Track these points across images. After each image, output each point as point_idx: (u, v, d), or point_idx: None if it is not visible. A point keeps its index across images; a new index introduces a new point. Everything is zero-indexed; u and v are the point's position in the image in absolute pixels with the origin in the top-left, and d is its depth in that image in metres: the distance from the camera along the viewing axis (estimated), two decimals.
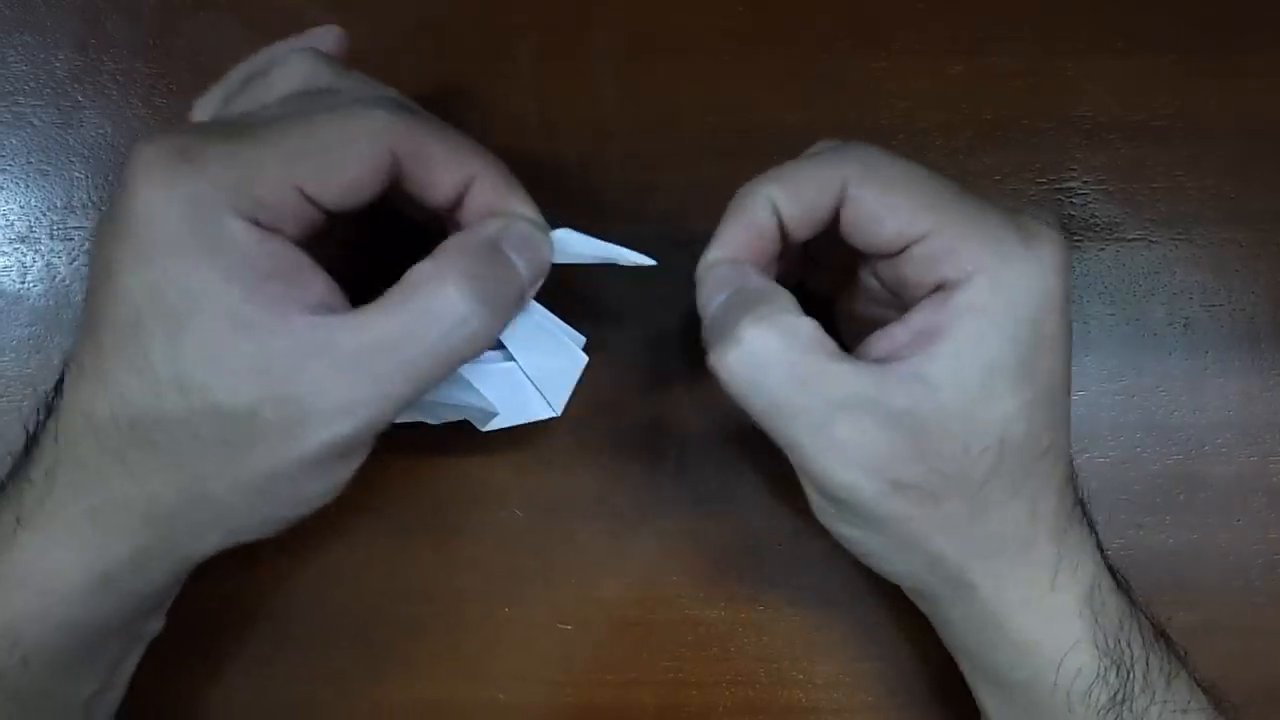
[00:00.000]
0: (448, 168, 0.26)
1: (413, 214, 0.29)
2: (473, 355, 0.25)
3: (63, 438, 0.25)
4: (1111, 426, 0.36)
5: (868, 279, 0.29)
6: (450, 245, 0.25)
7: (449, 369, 0.25)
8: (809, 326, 0.26)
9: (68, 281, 0.36)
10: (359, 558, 0.35)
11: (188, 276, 0.23)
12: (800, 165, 0.27)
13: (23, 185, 0.36)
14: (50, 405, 0.26)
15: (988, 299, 0.25)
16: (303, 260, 0.24)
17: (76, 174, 0.36)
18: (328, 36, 0.30)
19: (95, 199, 0.36)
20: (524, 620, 0.34)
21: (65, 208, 0.36)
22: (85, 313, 0.24)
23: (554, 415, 0.30)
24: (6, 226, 0.36)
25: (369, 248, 0.29)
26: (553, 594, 0.35)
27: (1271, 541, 0.35)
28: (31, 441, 0.26)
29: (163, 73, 0.37)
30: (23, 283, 0.36)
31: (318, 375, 0.23)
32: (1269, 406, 0.36)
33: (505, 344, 0.29)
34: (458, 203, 0.27)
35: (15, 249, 0.36)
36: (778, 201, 0.27)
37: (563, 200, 0.28)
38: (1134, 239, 0.37)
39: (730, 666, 0.35)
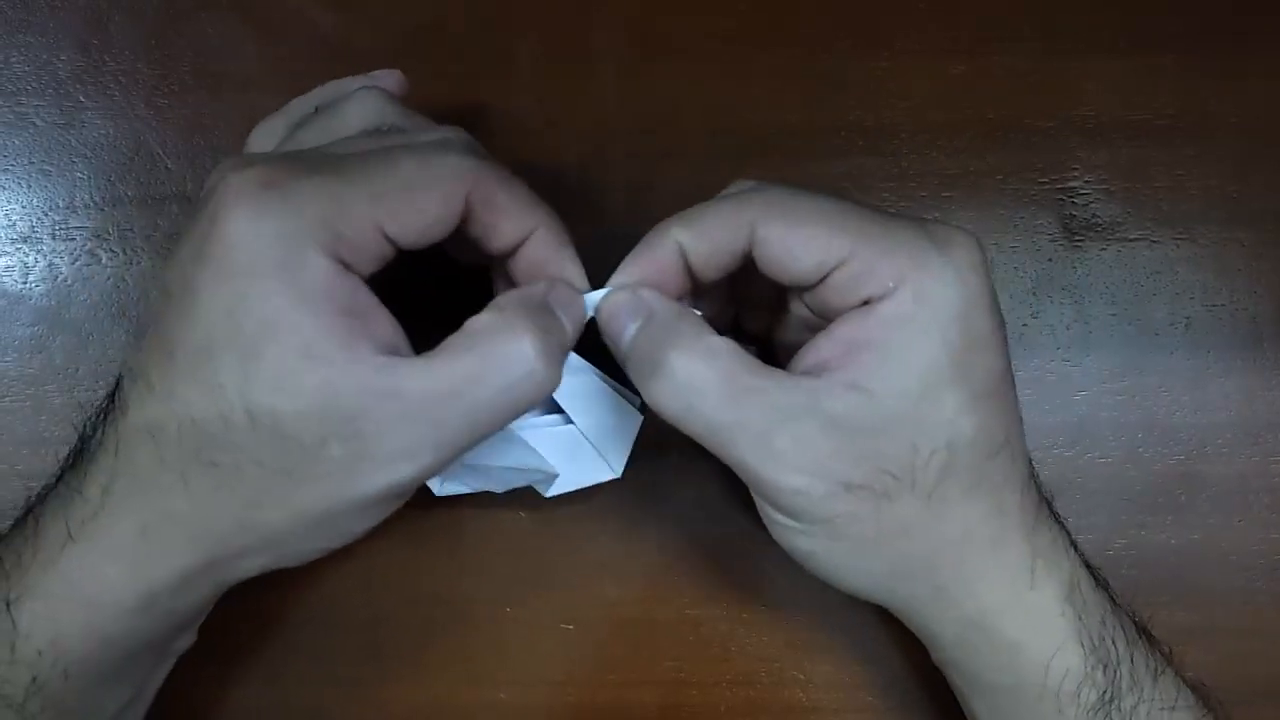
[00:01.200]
0: (516, 218, 0.27)
1: (454, 252, 0.30)
2: (530, 407, 0.26)
3: (123, 452, 0.25)
4: (1113, 426, 0.36)
5: (797, 308, 0.30)
6: (513, 300, 0.26)
7: (508, 420, 0.25)
8: (728, 345, 0.26)
9: (69, 281, 0.36)
10: (364, 561, 0.35)
11: (266, 304, 0.23)
12: (707, 208, 0.28)
13: (25, 185, 0.36)
14: (100, 415, 0.26)
15: (913, 308, 0.25)
16: (374, 301, 0.24)
17: (79, 174, 0.36)
18: (390, 79, 0.31)
19: (97, 199, 0.36)
20: (526, 621, 0.34)
21: (67, 208, 0.36)
22: (156, 330, 0.25)
23: (615, 477, 0.32)
24: (9, 226, 0.36)
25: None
26: (555, 594, 0.35)
27: (1273, 541, 0.35)
28: (82, 451, 0.26)
29: (165, 73, 0.37)
30: (25, 283, 0.36)
31: (385, 417, 0.24)
32: (1271, 406, 0.36)
33: (563, 406, 0.30)
34: (512, 251, 0.27)
35: (17, 249, 0.36)
36: (683, 242, 0.27)
37: (563, 200, 0.28)
38: (1136, 238, 0.37)
39: (731, 666, 0.35)
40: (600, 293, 0.28)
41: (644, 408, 0.30)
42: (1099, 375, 0.36)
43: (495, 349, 0.24)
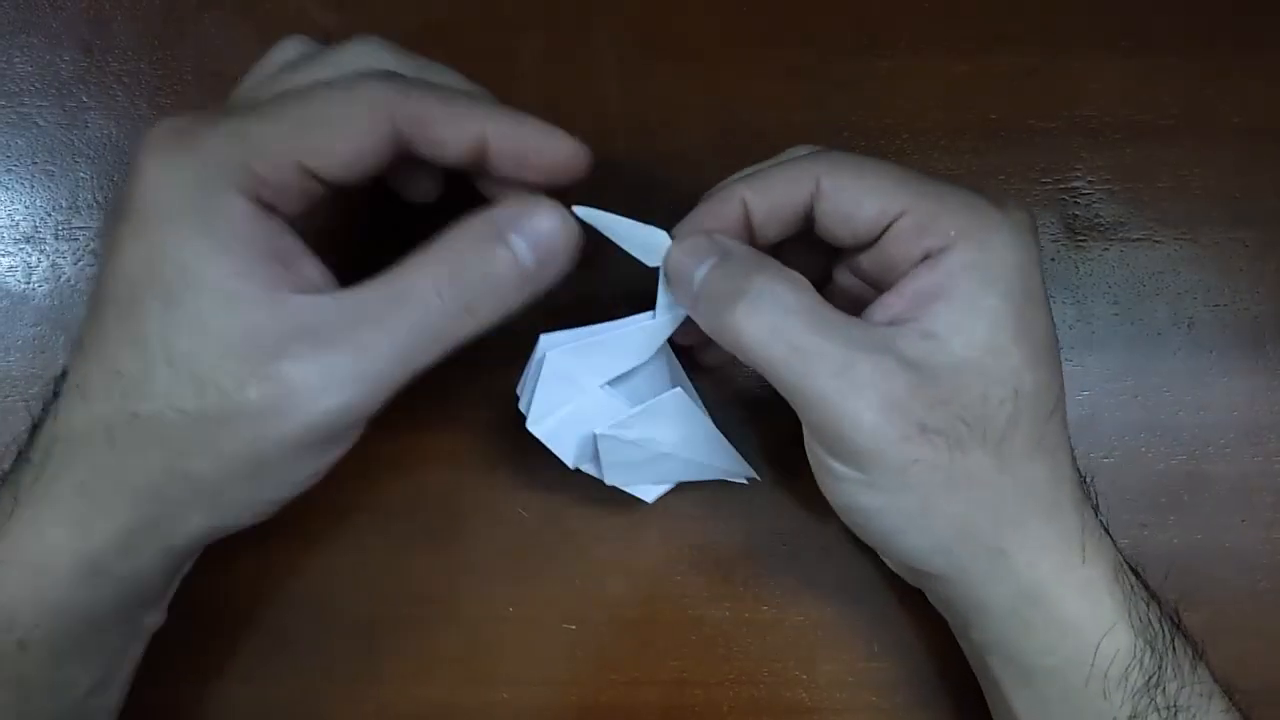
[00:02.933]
0: (453, 126, 0.26)
1: (413, 194, 0.30)
2: (464, 338, 0.26)
3: (61, 415, 0.25)
4: (1115, 426, 0.36)
5: (844, 278, 0.30)
6: (446, 235, 0.26)
7: (438, 352, 0.25)
8: (807, 282, 0.26)
9: (73, 281, 0.36)
10: (363, 559, 0.35)
11: (183, 250, 0.23)
12: (771, 166, 0.28)
13: (28, 185, 0.36)
14: (56, 389, 0.26)
15: (977, 256, 0.26)
16: (297, 243, 0.25)
17: (81, 174, 0.36)
18: None
19: (100, 199, 0.36)
20: (528, 620, 0.34)
21: (70, 208, 0.36)
22: (92, 292, 0.25)
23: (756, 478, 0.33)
24: (11, 227, 0.36)
25: (379, 235, 0.29)
26: (557, 594, 0.35)
27: (1276, 541, 0.35)
28: (36, 424, 0.26)
29: (167, 73, 0.37)
30: (28, 283, 0.36)
31: (301, 353, 0.24)
32: (1273, 406, 0.36)
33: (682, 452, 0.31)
34: (479, 159, 0.27)
35: (20, 249, 0.36)
36: (748, 197, 0.28)
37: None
38: (1138, 239, 0.37)
39: (734, 666, 0.35)
40: (660, 234, 0.28)
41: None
42: (1101, 375, 0.36)
43: (408, 279, 0.25)
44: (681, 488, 0.33)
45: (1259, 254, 0.36)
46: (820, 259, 0.31)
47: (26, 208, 0.36)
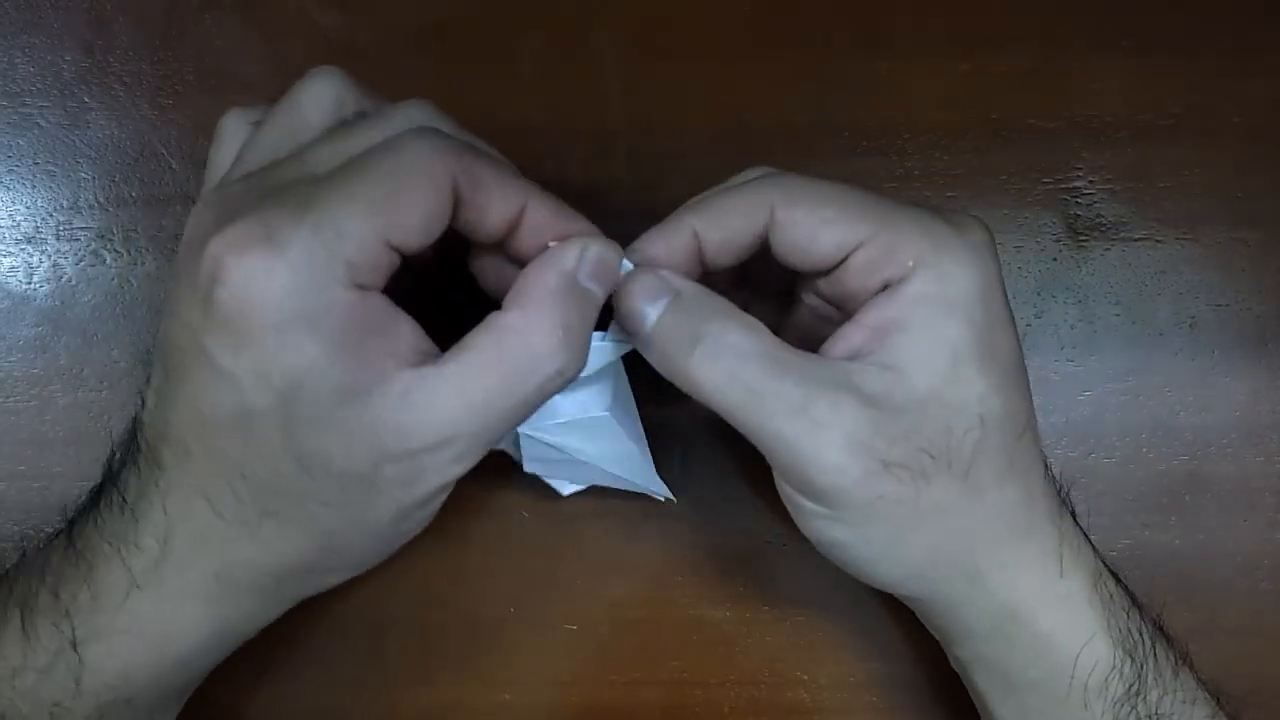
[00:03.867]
0: (506, 193, 0.26)
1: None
2: (560, 389, 0.26)
3: (173, 510, 0.25)
4: (1118, 426, 0.36)
5: (809, 298, 0.30)
6: (532, 283, 0.25)
7: (541, 403, 0.26)
8: (761, 324, 0.26)
9: (73, 282, 0.36)
10: None
11: (295, 358, 0.23)
12: (723, 194, 0.27)
13: (29, 186, 0.36)
14: (130, 463, 0.26)
15: (936, 287, 0.26)
16: (393, 311, 0.24)
17: (83, 175, 0.36)
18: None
19: (102, 200, 0.36)
20: (530, 621, 0.34)
21: (71, 208, 0.36)
22: (175, 390, 0.24)
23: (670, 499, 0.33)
24: (13, 227, 0.36)
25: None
26: (559, 596, 0.35)
27: (1278, 542, 0.35)
28: (113, 491, 0.26)
29: (169, 74, 0.37)
30: (29, 283, 0.36)
31: (427, 429, 0.24)
32: (1275, 406, 0.36)
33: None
34: (509, 232, 0.26)
35: (21, 249, 0.36)
36: (699, 227, 0.27)
37: (567, 201, 0.28)
38: (1140, 238, 0.37)
39: (735, 667, 0.35)
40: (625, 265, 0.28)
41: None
42: (1103, 375, 0.36)
43: (521, 346, 0.24)
44: (683, 490, 0.33)
45: (1261, 253, 0.36)
46: (785, 274, 0.31)
47: (28, 208, 0.36)
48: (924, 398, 0.25)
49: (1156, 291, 0.36)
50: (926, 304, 0.25)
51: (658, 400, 0.35)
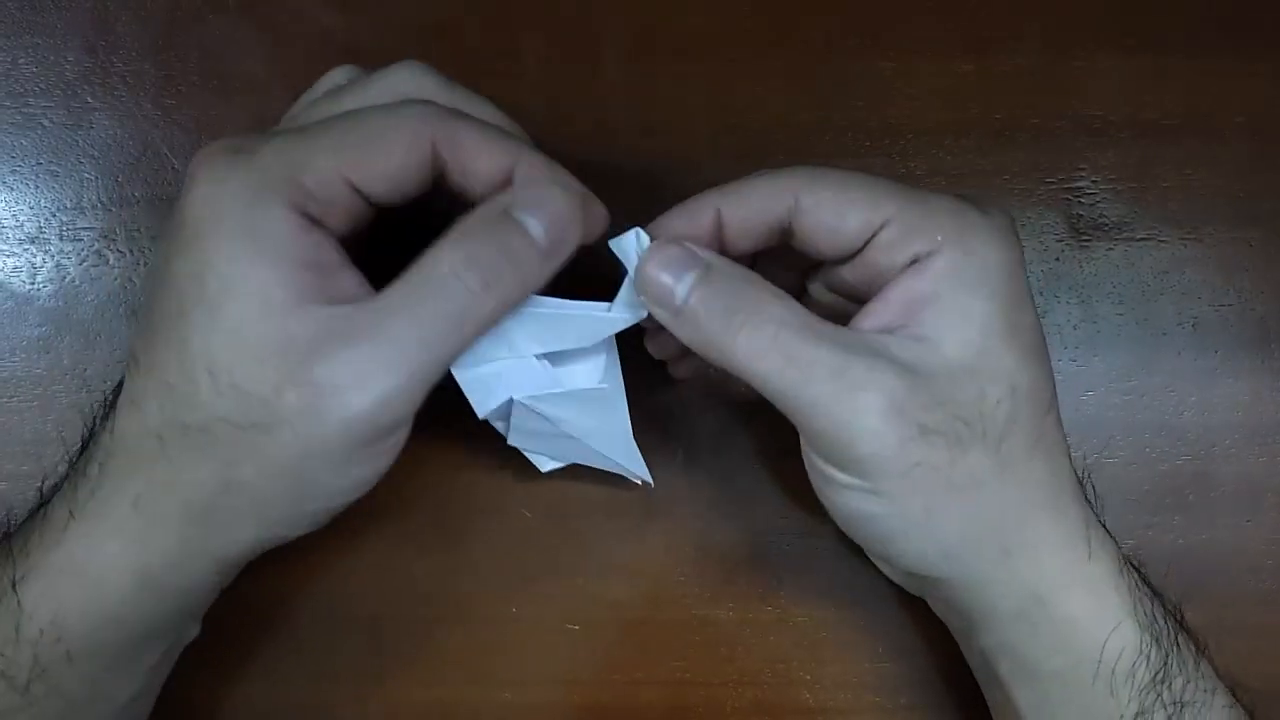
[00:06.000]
0: (486, 155, 0.26)
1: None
2: (488, 319, 0.26)
3: (116, 429, 0.25)
4: (1121, 427, 0.36)
5: (820, 293, 0.30)
6: (460, 222, 0.26)
7: (465, 336, 0.25)
8: (790, 297, 0.27)
9: (77, 283, 0.36)
10: (368, 560, 0.35)
11: (228, 263, 0.23)
12: (748, 180, 0.28)
13: (32, 186, 0.36)
14: (110, 402, 0.27)
15: (963, 260, 0.26)
16: (338, 256, 0.25)
17: (86, 175, 0.36)
18: None
19: (105, 200, 0.36)
20: (531, 620, 0.34)
21: (75, 208, 0.36)
22: (144, 307, 0.26)
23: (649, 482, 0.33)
24: (16, 227, 0.36)
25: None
26: (560, 594, 0.35)
27: None
28: (90, 437, 0.27)
29: (171, 74, 0.37)
30: (32, 283, 0.36)
31: (333, 354, 0.24)
32: (1279, 406, 0.36)
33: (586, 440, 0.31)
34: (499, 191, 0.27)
35: (25, 249, 0.36)
36: (722, 209, 0.27)
37: None
38: (1143, 238, 0.37)
39: (738, 667, 0.35)
40: (630, 236, 0.28)
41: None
42: (1106, 375, 0.36)
43: (426, 268, 0.25)
44: (684, 490, 0.33)
45: (1264, 253, 0.36)
46: (792, 275, 0.31)
47: (31, 208, 0.36)
48: (956, 367, 0.26)
49: (1159, 291, 0.36)
50: (954, 277, 0.26)
51: (661, 398, 0.35)
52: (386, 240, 0.28)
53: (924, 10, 0.37)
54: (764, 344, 0.26)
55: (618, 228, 0.28)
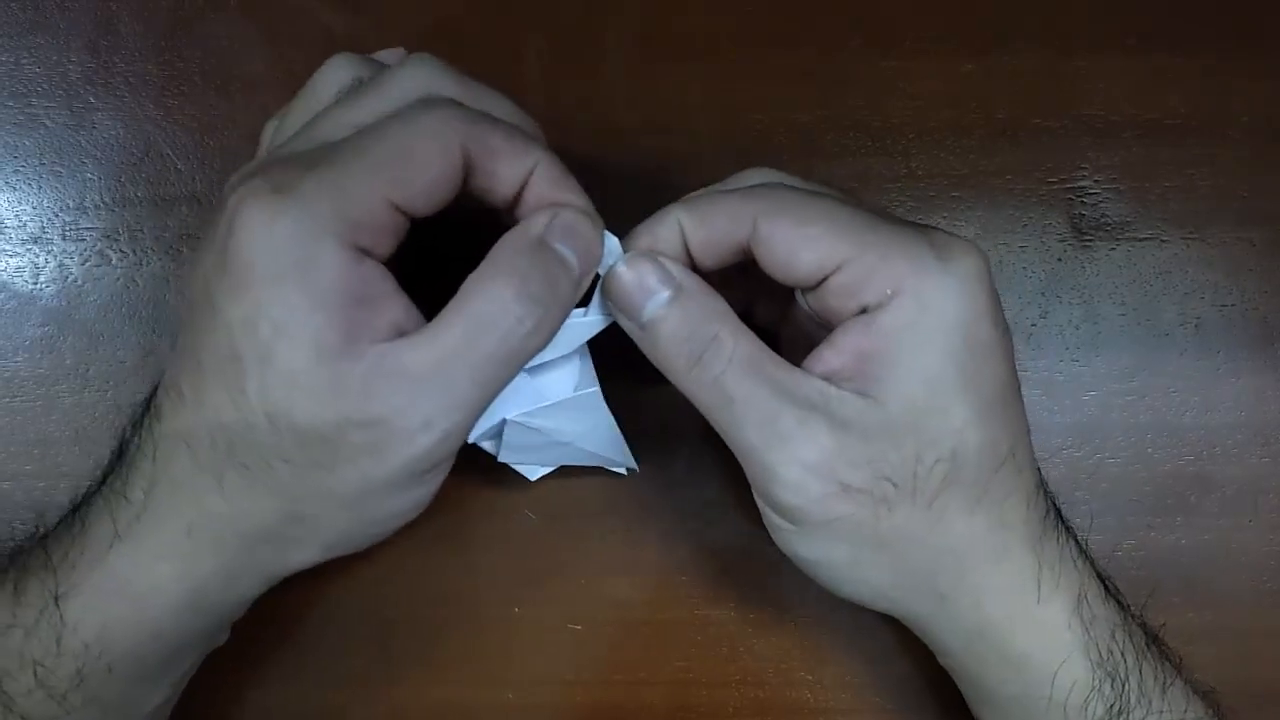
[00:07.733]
0: (513, 158, 0.26)
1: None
2: (535, 351, 0.26)
3: (160, 458, 0.25)
4: (1123, 427, 0.36)
5: (802, 303, 0.30)
6: (498, 247, 0.26)
7: (515, 369, 0.26)
8: (751, 333, 0.27)
9: (80, 282, 0.36)
10: (373, 561, 0.35)
11: (281, 309, 0.23)
12: (714, 197, 0.28)
13: (35, 186, 0.36)
14: (138, 422, 0.27)
15: (914, 317, 0.25)
16: (388, 284, 0.25)
17: (89, 175, 0.36)
18: (393, 58, 0.30)
19: (107, 199, 0.36)
20: (535, 621, 0.35)
21: (77, 208, 0.36)
22: (184, 340, 0.25)
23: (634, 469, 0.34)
24: (19, 227, 0.36)
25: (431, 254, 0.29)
26: (563, 595, 0.35)
27: None
28: (121, 457, 0.27)
29: (174, 74, 0.37)
30: (35, 283, 0.36)
31: (393, 395, 0.24)
32: None
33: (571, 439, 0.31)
34: (517, 199, 0.27)
35: (28, 249, 0.36)
36: (685, 225, 0.27)
37: None
38: (1145, 238, 0.37)
39: (739, 667, 0.35)
40: (611, 242, 0.28)
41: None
42: (1108, 376, 0.36)
43: (480, 306, 0.25)
44: (686, 490, 0.33)
45: (1267, 253, 0.36)
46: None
47: (34, 208, 0.36)
48: (896, 427, 0.25)
49: (1162, 291, 0.36)
50: (904, 334, 0.25)
51: (663, 401, 0.35)
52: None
53: (926, 10, 0.37)
54: (708, 380, 0.26)
55: (618, 228, 0.28)
